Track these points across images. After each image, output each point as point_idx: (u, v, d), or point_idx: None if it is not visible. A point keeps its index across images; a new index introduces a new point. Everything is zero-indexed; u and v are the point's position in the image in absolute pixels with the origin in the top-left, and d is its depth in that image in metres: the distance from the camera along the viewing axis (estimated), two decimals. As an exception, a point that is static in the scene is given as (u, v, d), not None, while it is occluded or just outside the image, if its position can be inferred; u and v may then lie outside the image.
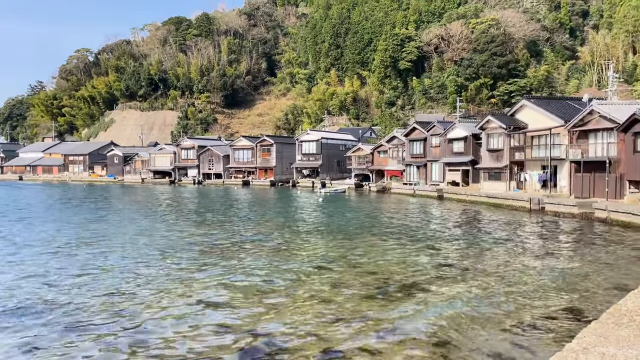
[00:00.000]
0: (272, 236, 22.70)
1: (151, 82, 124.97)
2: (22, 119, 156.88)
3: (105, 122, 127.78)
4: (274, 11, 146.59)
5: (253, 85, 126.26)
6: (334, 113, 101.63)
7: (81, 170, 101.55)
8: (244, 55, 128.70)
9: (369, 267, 15.93)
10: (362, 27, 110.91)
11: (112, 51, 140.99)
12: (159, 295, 12.51)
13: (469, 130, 47.53)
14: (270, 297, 12.35)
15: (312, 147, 72.44)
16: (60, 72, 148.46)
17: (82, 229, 25.10)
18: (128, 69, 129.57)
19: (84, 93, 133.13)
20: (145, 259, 17.08)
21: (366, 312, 11.15)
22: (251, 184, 74.28)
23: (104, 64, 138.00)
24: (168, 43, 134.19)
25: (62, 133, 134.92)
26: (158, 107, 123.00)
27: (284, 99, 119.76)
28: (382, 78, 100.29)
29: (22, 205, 40.46)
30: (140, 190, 65.54)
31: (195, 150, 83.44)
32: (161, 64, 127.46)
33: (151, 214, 33.11)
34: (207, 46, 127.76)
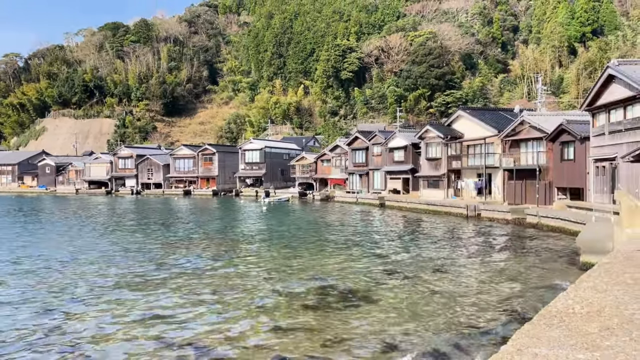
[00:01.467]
0: (213, 246, 22.24)
1: (86, 89, 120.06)
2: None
3: (36, 130, 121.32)
4: (215, 19, 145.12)
5: (194, 93, 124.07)
6: (277, 122, 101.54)
7: (9, 180, 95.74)
8: (184, 63, 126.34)
9: (311, 275, 15.90)
10: (304, 37, 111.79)
11: (43, 56, 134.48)
12: (88, 312, 11.90)
13: (409, 139, 48.78)
14: (210, 310, 12.04)
15: (255, 156, 71.91)
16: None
17: (6, 245, 23.58)
18: (61, 75, 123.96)
19: (13, 100, 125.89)
20: (75, 277, 16.25)
21: (307, 321, 11.09)
22: (192, 193, 72.69)
23: (35, 69, 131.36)
24: (104, 49, 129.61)
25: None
26: (94, 114, 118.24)
27: (226, 108, 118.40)
28: (324, 88, 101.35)
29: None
30: (73, 201, 62.56)
31: (134, 159, 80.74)
32: (97, 71, 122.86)
33: (82, 227, 31.63)
34: (145, 53, 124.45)
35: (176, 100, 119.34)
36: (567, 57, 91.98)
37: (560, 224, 26.14)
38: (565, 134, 30.10)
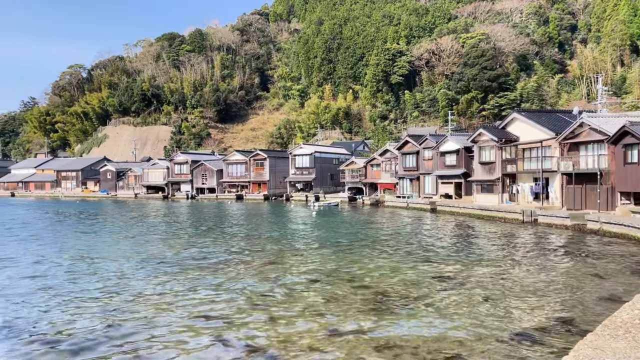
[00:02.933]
0: (266, 250, 22.64)
1: (144, 98, 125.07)
2: (14, 135, 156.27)
3: (98, 137, 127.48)
4: (267, 27, 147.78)
5: (246, 100, 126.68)
6: (327, 127, 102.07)
7: (74, 186, 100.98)
8: (237, 71, 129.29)
9: (364, 280, 15.93)
10: (354, 42, 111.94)
11: (105, 67, 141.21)
12: (153, 310, 12.42)
13: (461, 143, 47.86)
14: (264, 312, 12.30)
15: (305, 161, 72.57)
16: (53, 88, 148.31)
17: (74, 246, 24.90)
18: (121, 85, 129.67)
19: (77, 109, 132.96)
20: (137, 275, 16.97)
21: (362, 326, 11.14)
22: (245, 198, 74.14)
23: (97, 79, 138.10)
24: (161, 59, 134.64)
25: (54, 149, 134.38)
26: (151, 122, 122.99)
27: (277, 114, 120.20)
28: (374, 92, 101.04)
29: (16, 222, 40.14)
30: (133, 205, 65.23)
31: (189, 165, 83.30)
32: (154, 80, 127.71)
33: (143, 230, 32.93)
34: (200, 62, 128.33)
35: (229, 107, 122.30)
36: (630, 56, 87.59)
37: (625, 231, 24.92)
38: (629, 136, 28.68)
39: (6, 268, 18.65)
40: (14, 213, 51.88)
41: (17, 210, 56.09)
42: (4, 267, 18.79)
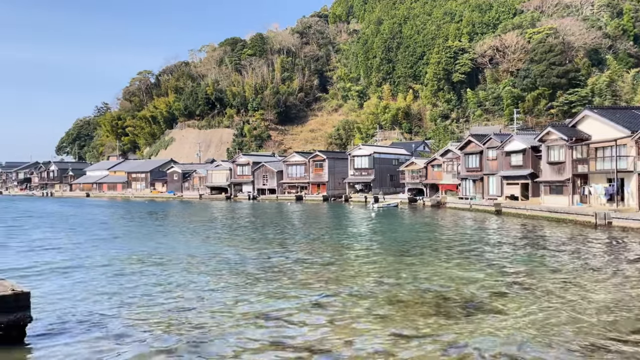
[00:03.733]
0: (326, 251, 22.75)
1: (208, 101, 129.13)
2: (89, 139, 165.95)
3: (165, 140, 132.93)
4: (326, 29, 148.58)
5: (305, 102, 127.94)
6: (386, 127, 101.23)
7: (143, 187, 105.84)
8: (296, 73, 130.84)
9: (426, 284, 15.67)
10: (414, 40, 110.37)
11: (171, 72, 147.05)
12: (215, 310, 12.79)
13: (528, 142, 46.04)
14: (327, 314, 12.37)
15: (364, 162, 72.33)
16: (123, 94, 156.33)
17: (143, 245, 26.08)
18: (186, 89, 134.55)
19: (146, 113, 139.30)
20: (201, 275, 17.53)
21: (425, 331, 10.97)
22: (304, 199, 74.87)
23: (164, 84, 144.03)
24: (224, 63, 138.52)
25: (125, 152, 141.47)
26: (215, 125, 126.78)
27: (335, 115, 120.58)
28: (435, 91, 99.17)
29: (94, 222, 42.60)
30: (198, 205, 67.52)
31: (250, 166, 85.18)
32: (217, 84, 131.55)
33: (208, 229, 34.00)
34: (261, 65, 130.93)
35: (289, 109, 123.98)
36: None
37: None
38: None
39: (84, 265, 19.81)
40: (91, 213, 55.08)
41: (93, 210, 59.51)
42: (83, 265, 19.97)
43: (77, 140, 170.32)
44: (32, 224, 39.45)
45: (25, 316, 9.87)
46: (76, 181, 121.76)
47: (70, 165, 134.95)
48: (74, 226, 37.19)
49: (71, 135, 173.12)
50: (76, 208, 63.11)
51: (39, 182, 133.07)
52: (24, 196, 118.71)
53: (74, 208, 63.21)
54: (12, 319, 9.69)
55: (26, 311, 9.88)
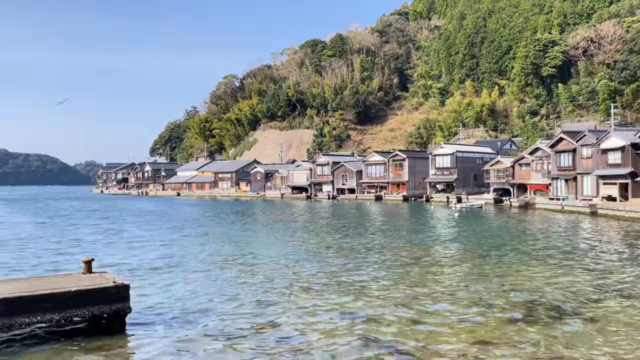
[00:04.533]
0: (408, 253, 22.47)
1: (289, 103, 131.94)
2: (179, 141, 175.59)
3: (249, 141, 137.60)
4: (406, 26, 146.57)
5: (385, 101, 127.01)
6: (469, 125, 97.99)
7: (229, 186, 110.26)
8: (376, 72, 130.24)
9: (512, 287, 15.01)
10: (499, 34, 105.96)
11: (255, 76, 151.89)
12: (301, 308, 13.06)
13: (627, 139, 42.67)
14: (409, 316, 12.23)
15: (446, 161, 70.52)
16: (211, 98, 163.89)
17: (234, 243, 27.18)
18: (269, 92, 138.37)
19: (231, 116, 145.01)
20: (288, 275, 17.95)
21: (510, 336, 10.52)
22: (384, 198, 74.34)
23: (248, 88, 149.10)
24: (304, 65, 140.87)
25: (212, 153, 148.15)
26: (296, 126, 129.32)
27: (416, 113, 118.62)
28: (522, 86, 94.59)
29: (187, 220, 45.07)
30: (280, 205, 69.24)
31: (330, 166, 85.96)
32: (298, 85, 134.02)
33: (293, 230, 34.76)
34: (340, 66, 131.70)
35: (368, 108, 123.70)
36: None
37: None
38: None
39: (180, 261, 21.01)
40: (183, 211, 58.29)
41: (185, 209, 62.91)
42: (179, 261, 21.18)
43: (169, 142, 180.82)
44: (132, 222, 42.41)
45: (125, 307, 10.65)
46: (168, 181, 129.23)
47: (162, 166, 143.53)
48: (170, 224, 39.52)
49: (163, 138, 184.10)
50: (169, 207, 67.04)
51: (135, 182, 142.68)
52: (121, 195, 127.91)
53: (167, 207, 67.20)
54: (113, 309, 10.49)
55: (126, 302, 10.65)
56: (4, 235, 31.22)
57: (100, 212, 55.25)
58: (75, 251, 23.36)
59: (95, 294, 10.26)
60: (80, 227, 37.37)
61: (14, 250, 24.25)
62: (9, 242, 27.76)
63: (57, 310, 9.81)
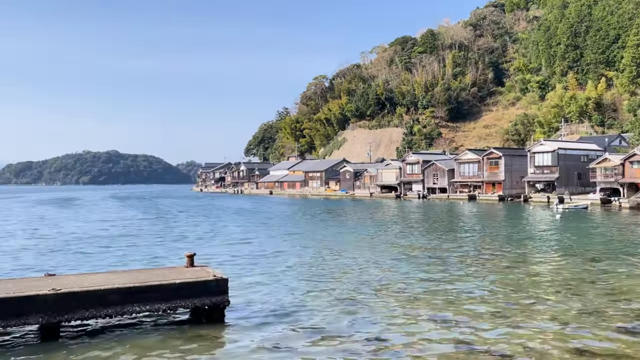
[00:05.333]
0: (506, 257, 21.49)
1: (378, 102, 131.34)
2: (272, 141, 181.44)
3: (338, 141, 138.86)
4: (502, 18, 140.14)
5: (479, 97, 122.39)
6: (572, 121, 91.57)
7: (318, 185, 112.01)
8: (469, 67, 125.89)
9: (623, 296, 13.82)
10: (606, 22, 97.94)
11: (344, 75, 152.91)
12: (392, 309, 12.97)
13: None
14: (507, 321, 11.70)
15: (546, 159, 66.40)
16: (301, 99, 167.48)
17: (324, 238, 27.60)
18: (358, 91, 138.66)
19: (321, 116, 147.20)
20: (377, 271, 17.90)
21: (619, 346, 9.71)
22: (477, 198, 71.63)
23: (337, 87, 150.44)
24: (394, 63, 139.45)
25: (303, 152, 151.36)
26: (385, 124, 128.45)
27: (512, 109, 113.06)
28: (633, 78, 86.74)
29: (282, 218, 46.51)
30: (369, 204, 69.13)
31: (420, 165, 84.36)
32: (387, 83, 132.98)
33: (381, 227, 34.61)
34: (431, 62, 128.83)
35: (460, 105, 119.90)
36: None
37: None
38: None
39: (276, 258, 21.72)
40: (276, 209, 60.15)
41: (279, 207, 64.89)
42: (276, 257, 21.90)
43: (262, 142, 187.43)
44: (229, 219, 44.50)
45: (224, 300, 11.21)
46: (261, 180, 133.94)
47: (256, 165, 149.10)
48: (265, 221, 40.96)
49: (257, 138, 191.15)
50: (263, 205, 69.46)
51: (231, 181, 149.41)
52: (219, 193, 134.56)
53: (261, 204, 69.69)
54: (213, 301, 11.08)
55: (225, 295, 11.21)
56: (116, 231, 34.09)
57: (201, 210, 58.49)
58: (179, 246, 24.94)
59: (197, 286, 10.90)
60: (183, 223, 39.84)
61: (125, 244, 26.39)
62: (120, 237, 30.27)
63: (164, 301, 10.54)
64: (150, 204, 73.88)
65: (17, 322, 9.38)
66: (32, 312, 9.41)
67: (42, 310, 9.48)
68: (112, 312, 10.12)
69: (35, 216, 49.94)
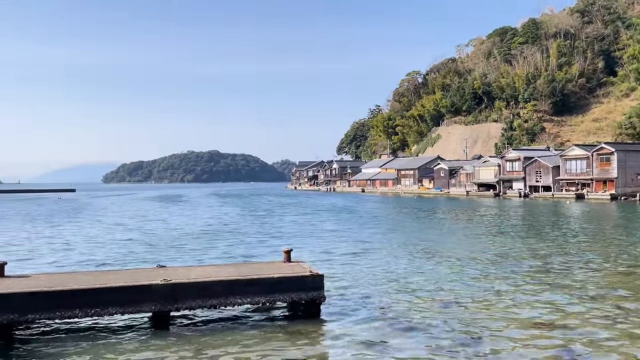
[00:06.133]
0: (622, 265, 19.75)
1: (475, 96, 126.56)
2: (363, 139, 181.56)
3: (432, 137, 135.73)
4: (613, 3, 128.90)
5: (587, 88, 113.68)
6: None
7: (411, 183, 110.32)
8: (575, 57, 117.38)
9: None
10: None
11: (438, 70, 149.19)
12: (490, 307, 12.42)
13: None
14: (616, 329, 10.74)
15: (668, 155, 60.18)
16: (393, 95, 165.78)
17: (419, 236, 27.13)
18: (453, 86, 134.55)
19: (414, 112, 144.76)
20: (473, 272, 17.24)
21: None
22: (586, 197, 66.58)
23: (431, 83, 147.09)
24: (492, 55, 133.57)
25: (395, 150, 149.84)
26: (482, 120, 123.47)
27: (626, 100, 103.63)
28: None
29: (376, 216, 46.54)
30: (465, 202, 66.84)
31: (521, 161, 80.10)
32: (485, 77, 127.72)
33: (479, 226, 33.33)
34: (533, 53, 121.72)
35: (566, 97, 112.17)
36: None
37: None
38: None
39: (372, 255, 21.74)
40: (369, 207, 60.18)
41: (371, 205, 64.85)
42: (371, 255, 21.93)
43: (354, 140, 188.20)
44: (324, 216, 45.19)
45: (320, 295, 11.36)
46: (353, 178, 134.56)
47: (348, 163, 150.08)
48: (359, 219, 41.13)
49: (349, 137, 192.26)
50: (356, 202, 69.74)
51: (324, 179, 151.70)
52: (312, 191, 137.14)
53: (353, 202, 70.03)
54: (310, 297, 11.28)
55: (321, 291, 11.37)
56: (218, 226, 35.96)
57: (295, 207, 59.97)
58: (275, 242, 25.74)
59: (294, 281, 11.15)
60: (278, 219, 41.11)
61: (226, 239, 27.74)
62: (221, 232, 31.88)
63: (263, 294, 10.91)
64: (248, 201, 77.04)
65: (133, 309, 10.17)
66: (146, 300, 10.16)
67: (154, 299, 10.20)
68: (216, 303, 10.65)
69: (146, 212, 54.08)
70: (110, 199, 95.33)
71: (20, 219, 44.13)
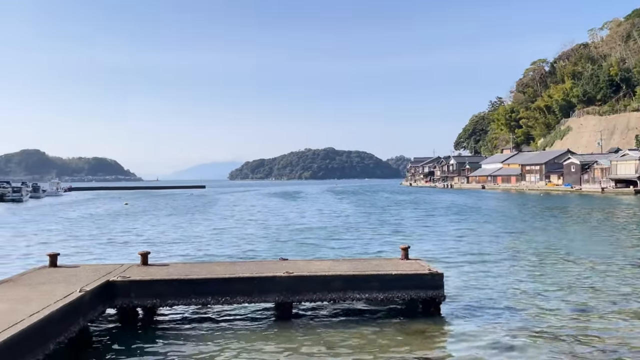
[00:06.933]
0: None
1: (611, 84, 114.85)
2: (483, 133, 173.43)
3: (561, 130, 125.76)
4: None
5: None
6: None
7: (537, 179, 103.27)
8: None
9: None
10: None
11: (568, 57, 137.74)
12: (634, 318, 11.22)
13: None
14: None
15: None
16: (517, 86, 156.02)
17: (546, 238, 25.39)
18: (585, 73, 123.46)
19: (540, 103, 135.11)
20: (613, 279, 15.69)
21: None
22: None
23: (560, 71, 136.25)
24: (632, 38, 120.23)
25: (518, 144, 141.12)
26: (620, 109, 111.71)
27: None
28: None
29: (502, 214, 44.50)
30: (600, 200, 61.06)
31: (669, 155, 71.13)
32: (623, 62, 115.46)
33: (616, 229, 30.29)
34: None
35: None
36: None
37: None
38: None
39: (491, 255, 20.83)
40: (491, 204, 57.54)
41: (492, 202, 61.95)
42: (491, 255, 21.03)
43: (473, 135, 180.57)
44: (442, 214, 44.05)
45: (439, 294, 11.11)
46: (472, 174, 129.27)
47: (466, 159, 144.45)
48: (480, 218, 39.48)
49: (467, 131, 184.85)
50: (476, 200, 66.89)
51: (440, 175, 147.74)
52: (427, 187, 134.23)
53: (474, 200, 67.27)
54: (429, 295, 11.08)
55: (440, 290, 11.11)
56: (335, 222, 36.70)
57: (413, 204, 59.13)
58: (392, 239, 25.63)
59: (412, 279, 11.03)
60: (394, 216, 40.87)
61: (343, 234, 28.21)
62: (338, 227, 32.49)
63: (381, 291, 10.92)
64: (364, 198, 77.53)
65: (258, 299, 10.77)
66: (271, 291, 10.70)
67: (278, 290, 10.70)
68: (335, 297, 10.89)
69: (268, 207, 56.87)
70: (235, 195, 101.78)
71: (166, 212, 48.86)
